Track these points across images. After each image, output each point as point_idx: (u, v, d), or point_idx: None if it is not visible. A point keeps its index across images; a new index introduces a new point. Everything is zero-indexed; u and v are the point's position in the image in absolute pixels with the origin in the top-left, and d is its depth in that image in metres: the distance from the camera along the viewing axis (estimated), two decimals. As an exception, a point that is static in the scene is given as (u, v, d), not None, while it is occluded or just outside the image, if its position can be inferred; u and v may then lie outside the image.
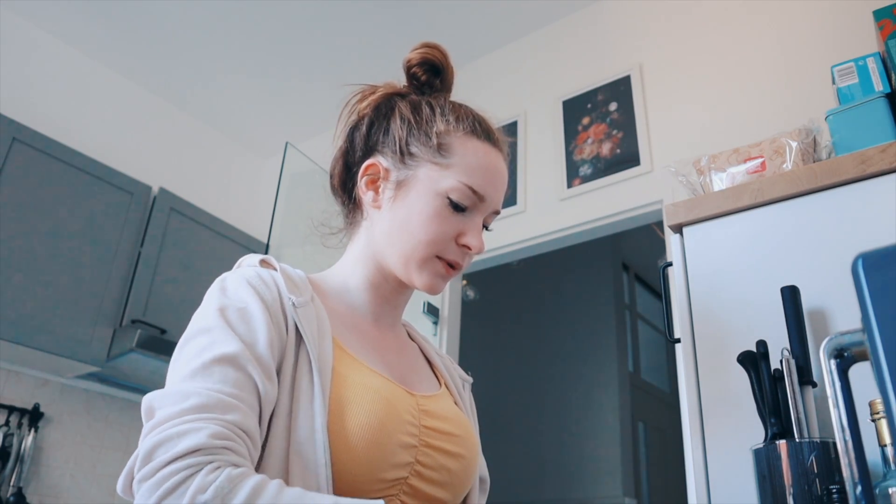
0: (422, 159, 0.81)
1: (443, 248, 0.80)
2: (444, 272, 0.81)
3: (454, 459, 0.77)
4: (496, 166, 0.83)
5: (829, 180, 1.09)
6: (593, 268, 4.43)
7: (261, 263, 0.79)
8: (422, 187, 0.80)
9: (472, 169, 0.80)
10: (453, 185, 0.79)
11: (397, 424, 0.71)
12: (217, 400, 0.61)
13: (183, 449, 0.56)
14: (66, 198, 2.39)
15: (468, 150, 0.81)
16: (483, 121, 0.86)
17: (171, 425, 0.58)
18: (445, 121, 0.83)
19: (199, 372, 0.63)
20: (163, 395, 0.62)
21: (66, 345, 2.26)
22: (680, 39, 2.29)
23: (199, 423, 0.59)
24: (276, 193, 2.38)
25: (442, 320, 2.52)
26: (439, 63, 0.87)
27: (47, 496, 2.41)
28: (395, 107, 0.85)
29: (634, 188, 2.17)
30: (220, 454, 0.58)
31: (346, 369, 0.72)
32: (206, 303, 0.72)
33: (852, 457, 0.66)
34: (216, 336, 0.67)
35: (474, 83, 2.83)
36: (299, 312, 0.72)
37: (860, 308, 0.53)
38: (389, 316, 0.88)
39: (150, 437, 0.58)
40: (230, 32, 2.85)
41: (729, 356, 1.08)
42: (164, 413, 0.60)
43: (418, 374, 0.86)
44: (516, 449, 4.14)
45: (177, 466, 0.56)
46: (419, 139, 0.82)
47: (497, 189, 0.83)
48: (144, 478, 0.56)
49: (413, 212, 0.80)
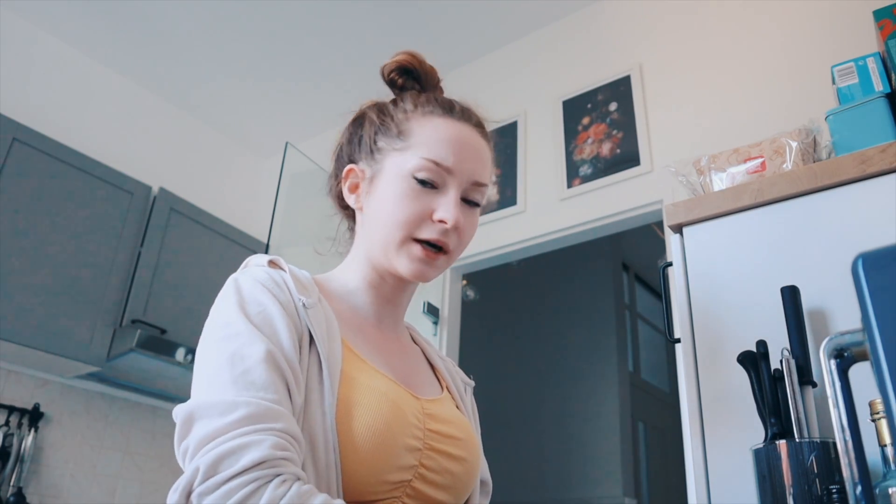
0: (387, 150, 0.83)
1: (417, 227, 0.79)
2: (422, 255, 0.79)
3: (457, 463, 0.77)
4: (460, 136, 0.82)
5: (829, 180, 1.09)
6: (593, 268, 4.43)
7: (269, 264, 0.79)
8: (389, 175, 0.82)
9: (432, 143, 0.81)
10: (416, 163, 0.80)
11: (403, 427, 0.71)
12: (266, 409, 0.61)
13: (249, 462, 0.57)
14: (66, 198, 2.39)
15: (426, 127, 0.82)
16: (445, 100, 0.87)
17: (229, 437, 0.58)
18: (403, 110, 0.85)
19: (238, 379, 0.63)
20: (207, 406, 0.61)
21: (66, 345, 2.26)
22: (680, 39, 2.29)
23: (258, 434, 0.59)
24: (276, 193, 2.38)
25: (442, 320, 2.52)
26: (410, 65, 0.89)
27: (47, 496, 2.41)
28: (366, 115, 0.89)
29: (634, 188, 2.17)
30: (283, 466, 0.58)
31: (355, 371, 0.73)
32: (223, 305, 0.71)
33: (852, 457, 0.66)
34: (244, 339, 0.66)
35: (474, 83, 2.83)
36: (309, 314, 0.72)
37: (860, 308, 0.53)
38: (391, 316, 0.88)
39: (209, 453, 0.58)
40: (230, 32, 2.85)
41: (729, 356, 1.08)
42: (214, 425, 0.59)
43: (421, 377, 0.86)
44: (516, 449, 4.14)
45: (245, 479, 0.56)
46: (384, 133, 0.85)
47: (465, 158, 0.81)
48: (208, 491, 0.56)
49: (384, 199, 0.81)
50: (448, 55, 2.89)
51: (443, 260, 0.81)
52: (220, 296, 0.73)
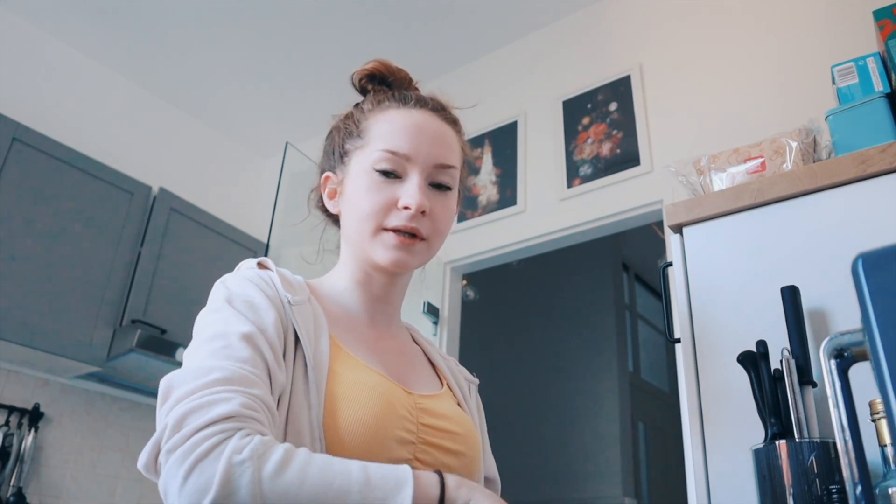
0: (352, 151, 0.86)
1: (384, 216, 0.80)
2: (396, 241, 0.80)
3: (454, 457, 0.77)
4: (416, 123, 0.84)
5: (829, 180, 1.09)
6: (593, 268, 4.43)
7: (257, 266, 0.81)
8: (354, 173, 0.84)
9: (387, 134, 0.83)
10: (374, 156, 0.81)
11: (393, 420, 0.71)
12: (240, 375, 0.62)
13: (216, 415, 0.57)
14: (66, 198, 2.39)
15: (381, 120, 0.85)
16: (402, 93, 0.88)
17: (200, 396, 0.59)
18: (362, 110, 0.88)
19: (217, 351, 0.65)
20: (182, 374, 0.63)
21: (66, 345, 2.26)
22: (680, 39, 2.29)
23: (227, 393, 0.60)
24: (276, 193, 2.38)
25: (442, 320, 2.52)
26: (378, 72, 0.92)
27: (47, 496, 2.41)
28: (335, 126, 0.92)
29: (634, 188, 2.17)
30: (249, 423, 0.59)
31: (342, 367, 0.73)
32: (211, 300, 0.74)
33: (852, 457, 0.66)
34: (228, 319, 0.69)
35: (474, 83, 2.83)
36: (295, 310, 0.74)
37: (860, 308, 0.53)
38: (384, 314, 0.88)
39: (177, 408, 0.58)
40: (230, 32, 2.85)
41: (729, 356, 1.08)
42: (188, 388, 0.60)
43: (418, 374, 0.86)
44: (516, 449, 4.14)
45: (210, 431, 0.56)
46: (348, 137, 0.88)
47: (424, 142, 0.82)
48: (175, 446, 0.56)
49: (352, 195, 0.83)
50: (448, 55, 2.89)
51: (420, 246, 0.82)
52: (210, 294, 0.76)
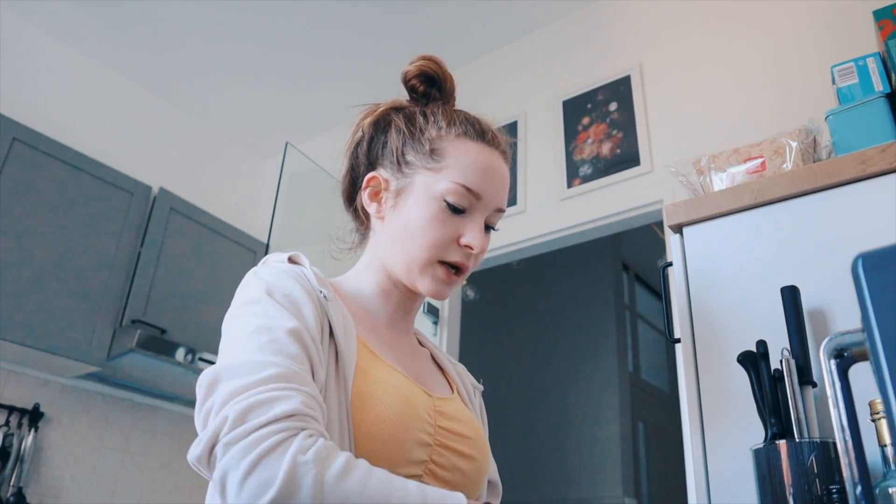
0: (417, 166, 0.83)
1: (444, 250, 0.80)
2: (445, 277, 0.81)
3: (467, 461, 0.78)
4: (491, 164, 0.83)
5: (829, 180, 1.09)
6: (593, 268, 4.43)
7: (289, 260, 0.79)
8: (418, 193, 0.81)
9: (465, 168, 0.81)
10: (448, 187, 0.80)
11: (415, 421, 0.72)
12: (294, 372, 0.62)
13: (280, 412, 0.57)
14: (66, 198, 2.39)
15: (460, 151, 0.82)
16: (477, 122, 0.87)
17: (260, 391, 0.58)
18: (437, 126, 0.84)
19: (266, 345, 0.64)
20: (232, 367, 0.61)
21: (66, 345, 2.26)
22: (680, 39, 2.29)
23: (287, 391, 0.59)
24: (276, 193, 2.38)
25: (442, 320, 2.52)
26: (434, 73, 0.89)
27: (47, 496, 2.41)
28: (392, 120, 0.88)
29: (634, 188, 2.17)
30: (311, 423, 0.59)
31: (369, 365, 0.74)
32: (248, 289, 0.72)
33: (852, 457, 0.66)
34: (271, 312, 0.67)
35: (474, 83, 2.83)
36: (329, 306, 0.73)
37: (860, 308, 0.53)
38: (403, 321, 0.89)
39: (238, 403, 0.57)
40: (230, 32, 2.85)
41: (729, 356, 1.08)
42: (243, 381, 0.59)
43: (431, 377, 0.87)
44: (516, 449, 4.14)
45: (276, 427, 0.56)
46: (414, 147, 0.84)
47: (495, 186, 0.83)
48: (237, 438, 0.55)
49: (412, 218, 0.81)
50: (448, 55, 2.87)
51: (460, 280, 0.84)
52: (243, 284, 0.74)
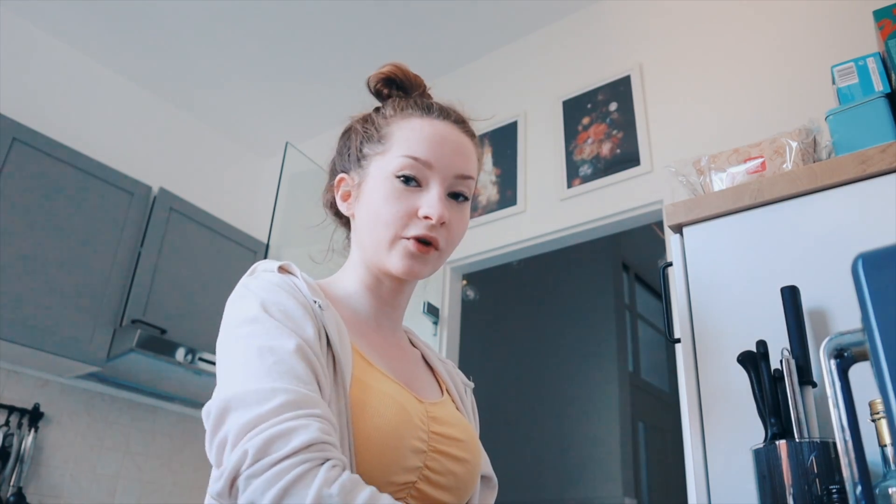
0: (371, 156, 0.85)
1: (404, 225, 0.80)
2: (414, 250, 0.79)
3: (460, 464, 0.78)
4: (439, 132, 0.84)
5: (829, 180, 1.09)
6: (593, 268, 4.43)
7: (279, 270, 0.78)
8: (374, 178, 0.83)
9: (410, 141, 0.82)
10: (397, 163, 0.81)
11: (409, 429, 0.72)
12: (303, 396, 0.61)
13: (300, 443, 0.57)
14: (66, 198, 2.39)
15: (404, 128, 0.84)
16: (425, 101, 0.88)
17: (275, 423, 0.58)
18: (384, 115, 0.87)
19: (271, 368, 0.63)
20: (242, 395, 0.61)
21: (66, 345, 2.26)
22: (680, 39, 2.29)
23: (303, 419, 0.59)
24: (276, 193, 2.38)
25: (442, 320, 2.52)
26: (395, 76, 0.90)
27: (47, 496, 2.41)
28: (353, 128, 0.91)
29: (634, 188, 2.17)
30: (332, 451, 0.59)
31: (363, 374, 0.74)
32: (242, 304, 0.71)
33: (852, 457, 0.66)
34: (272, 331, 0.66)
35: (474, 83, 2.83)
36: (324, 315, 0.73)
37: (860, 308, 0.53)
38: (389, 319, 0.89)
39: (257, 437, 0.57)
40: (230, 32, 2.85)
41: (729, 356, 1.08)
42: (255, 412, 0.59)
43: (421, 380, 0.87)
44: (516, 449, 4.14)
45: (297, 459, 0.56)
46: (368, 141, 0.87)
47: (445, 152, 0.82)
48: (259, 471, 0.56)
49: (371, 202, 0.82)
50: (448, 55, 2.89)
51: (434, 255, 0.81)
52: (234, 297, 0.73)
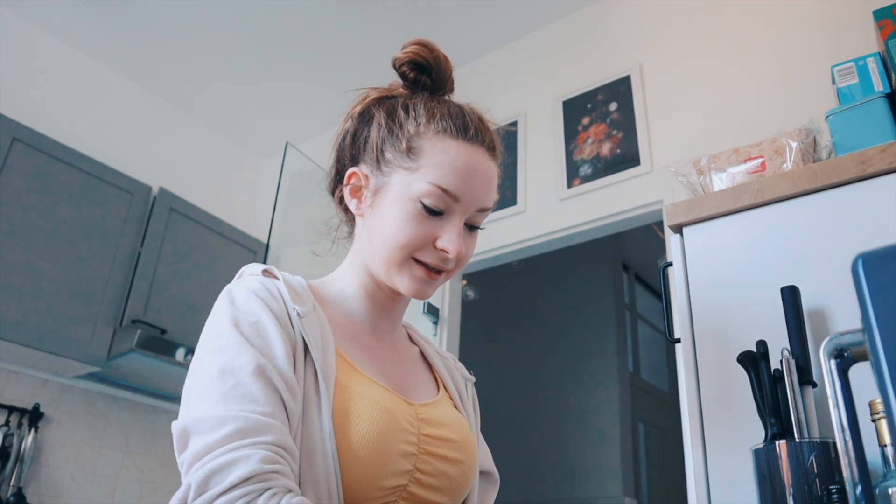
0: (394, 165, 0.80)
1: (418, 251, 0.78)
2: (424, 276, 0.79)
3: (452, 465, 0.77)
4: (471, 163, 0.79)
5: (829, 180, 1.09)
6: (593, 268, 4.43)
7: (263, 273, 0.79)
8: (395, 193, 0.79)
9: (442, 169, 0.77)
10: (424, 189, 0.77)
11: (397, 434, 0.71)
12: (255, 422, 0.62)
13: (237, 478, 0.58)
14: (66, 198, 2.39)
15: (438, 150, 0.78)
16: (461, 116, 0.82)
17: (218, 454, 0.59)
18: (415, 122, 0.80)
19: (228, 393, 0.63)
20: (198, 421, 0.62)
21: (66, 345, 2.26)
22: (680, 40, 2.29)
23: (246, 449, 0.60)
24: (276, 193, 2.38)
25: (442, 320, 2.52)
26: (424, 60, 0.85)
27: (47, 496, 2.41)
28: (374, 114, 0.84)
29: (634, 188, 2.17)
30: (272, 480, 0.59)
31: (348, 380, 0.73)
32: (216, 317, 0.72)
33: (852, 457, 0.66)
34: (235, 352, 0.67)
35: (474, 83, 2.83)
36: (304, 322, 0.72)
37: (860, 308, 0.53)
38: (386, 323, 0.87)
39: (199, 470, 0.59)
40: (230, 33, 2.85)
41: (729, 356, 1.08)
42: (205, 441, 0.60)
43: (416, 381, 0.86)
44: (516, 449, 4.14)
45: (234, 495, 0.57)
46: (392, 144, 0.80)
47: (475, 187, 0.79)
48: None
49: (387, 218, 0.78)
50: (448, 55, 2.88)
51: (441, 278, 0.81)
52: (215, 307, 0.73)
